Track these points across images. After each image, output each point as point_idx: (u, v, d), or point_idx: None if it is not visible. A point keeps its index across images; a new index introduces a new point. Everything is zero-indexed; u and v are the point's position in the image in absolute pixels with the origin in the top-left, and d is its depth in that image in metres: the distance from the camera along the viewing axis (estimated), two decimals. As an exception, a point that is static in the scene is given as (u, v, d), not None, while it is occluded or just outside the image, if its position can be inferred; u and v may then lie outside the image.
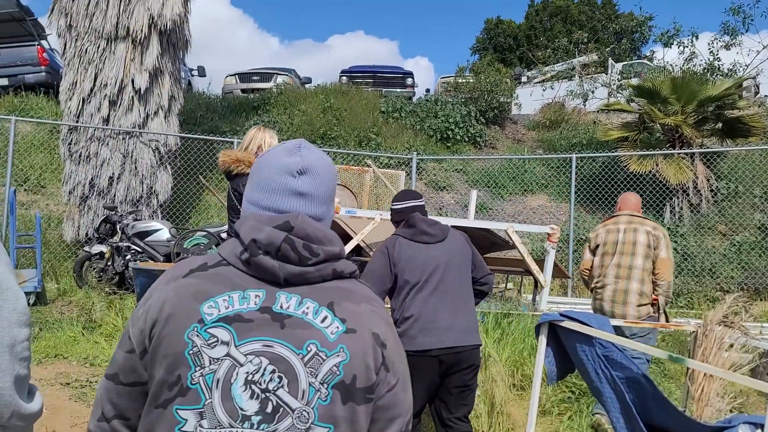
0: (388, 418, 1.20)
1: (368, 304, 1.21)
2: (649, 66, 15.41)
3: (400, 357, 1.24)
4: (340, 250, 1.22)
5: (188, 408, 1.09)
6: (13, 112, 10.17)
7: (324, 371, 1.12)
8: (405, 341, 3.10)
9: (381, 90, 15.43)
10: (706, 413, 3.31)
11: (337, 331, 1.14)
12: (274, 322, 1.12)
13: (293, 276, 1.15)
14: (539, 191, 12.11)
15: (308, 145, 1.28)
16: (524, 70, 20.48)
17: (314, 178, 1.24)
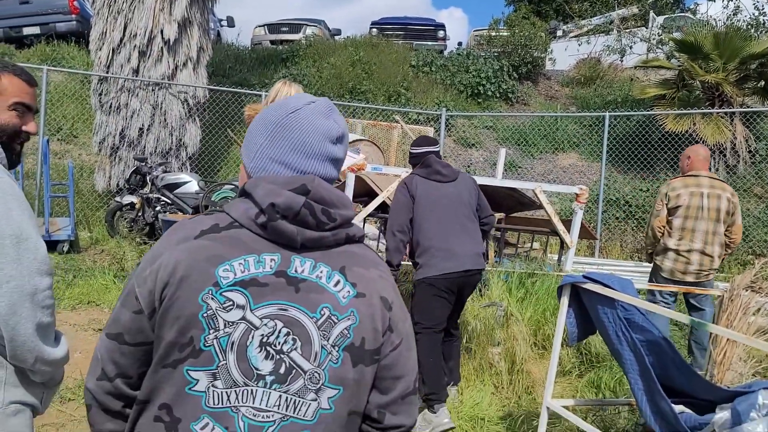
0: (393, 377, 1.23)
1: (376, 269, 1.24)
2: (691, 20, 14.80)
3: (403, 317, 1.26)
4: (352, 216, 1.23)
5: (200, 369, 1.10)
6: (45, 62, 10.26)
7: (335, 334, 1.14)
8: (427, 269, 3.82)
9: (412, 43, 15.13)
10: (727, 377, 3.28)
11: (348, 296, 1.16)
12: (289, 286, 1.14)
13: (310, 241, 1.16)
14: (570, 150, 11.89)
15: (335, 109, 1.29)
16: (560, 24, 19.82)
17: (345, 144, 1.27)
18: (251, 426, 1.10)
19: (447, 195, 3.94)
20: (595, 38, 15.57)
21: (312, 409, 1.13)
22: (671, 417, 2.58)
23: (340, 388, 1.15)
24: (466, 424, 3.84)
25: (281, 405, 1.12)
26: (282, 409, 1.12)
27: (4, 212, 1.49)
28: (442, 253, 3.81)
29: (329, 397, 1.15)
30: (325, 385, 1.14)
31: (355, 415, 1.20)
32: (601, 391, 4.27)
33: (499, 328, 4.67)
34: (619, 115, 11.09)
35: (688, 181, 4.70)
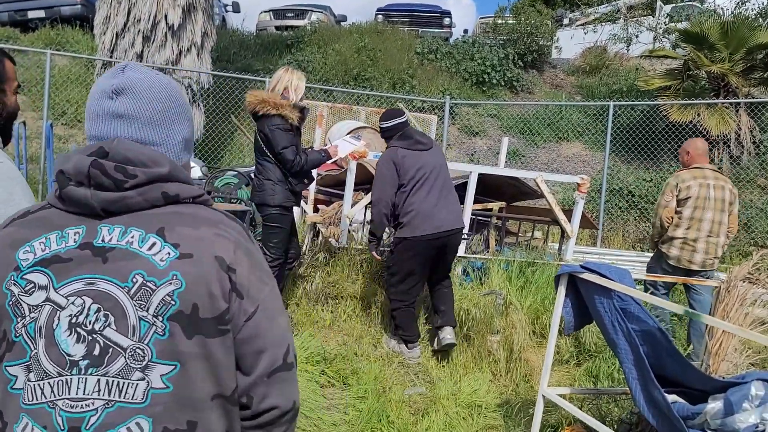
0: (254, 351, 1.11)
1: (212, 227, 1.10)
2: (699, 9, 14.68)
3: (259, 282, 1.12)
4: (170, 171, 1.10)
5: (16, 363, 1.02)
6: (49, 46, 10.27)
7: (156, 303, 1.02)
8: (409, 229, 4.17)
9: (417, 30, 15.07)
10: (722, 368, 3.31)
11: (168, 258, 1.04)
12: (95, 258, 1.03)
13: (111, 203, 1.05)
14: (574, 139, 11.86)
15: (137, 66, 1.17)
16: (566, 12, 19.69)
17: (135, 98, 1.12)
18: (70, 419, 1.00)
19: (428, 162, 4.26)
20: (602, 27, 15.47)
21: (141, 389, 1.01)
22: (664, 406, 2.61)
23: (176, 364, 1.03)
24: (464, 411, 3.88)
25: (102, 390, 1.01)
26: (104, 395, 1.00)
27: (7, 196, 1.51)
28: (423, 216, 4.15)
29: (162, 374, 1.02)
30: (153, 362, 1.02)
31: (222, 400, 1.08)
32: (599, 381, 4.30)
33: (498, 317, 4.70)
34: (624, 104, 11.05)
35: (695, 173, 4.86)
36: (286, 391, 1.14)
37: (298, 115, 4.18)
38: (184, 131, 1.21)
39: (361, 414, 3.67)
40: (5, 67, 1.74)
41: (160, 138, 1.15)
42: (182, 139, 1.20)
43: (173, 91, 1.19)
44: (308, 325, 4.66)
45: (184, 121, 1.20)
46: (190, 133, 1.23)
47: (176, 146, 1.18)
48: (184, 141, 1.21)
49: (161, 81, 1.18)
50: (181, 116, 1.20)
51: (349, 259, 5.09)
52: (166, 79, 1.20)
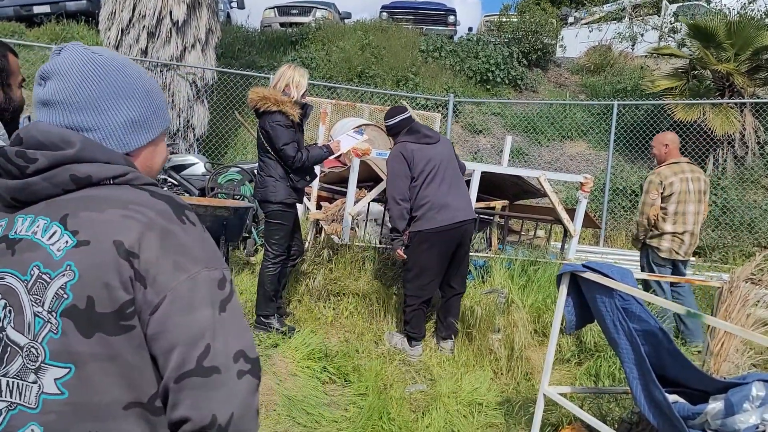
0: (164, 350, 0.95)
1: (121, 209, 0.96)
2: (705, 9, 14.62)
3: (173, 268, 0.96)
4: (78, 152, 0.99)
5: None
6: (54, 41, 10.28)
7: (50, 297, 0.93)
8: (425, 221, 4.24)
9: (422, 28, 15.06)
10: (723, 368, 3.30)
11: (64, 247, 0.94)
12: (7, 251, 0.97)
13: (17, 191, 0.98)
14: (578, 138, 11.84)
15: (75, 47, 1.05)
16: (571, 10, 19.65)
17: (60, 82, 1.02)
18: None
19: (437, 155, 4.34)
20: (607, 25, 15.44)
21: (33, 394, 0.92)
22: (665, 406, 2.61)
23: (70, 366, 0.92)
24: (465, 409, 3.89)
25: (3, 391, 0.94)
26: (6, 396, 0.94)
27: None
28: (438, 208, 4.23)
29: (56, 378, 0.92)
30: (46, 363, 0.92)
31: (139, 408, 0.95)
32: (600, 380, 4.30)
33: (500, 315, 4.71)
34: (628, 104, 11.02)
35: (674, 168, 5.07)
36: (202, 402, 0.93)
37: (300, 111, 4.18)
38: (127, 112, 1.06)
39: (362, 411, 3.68)
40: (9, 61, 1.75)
41: (90, 122, 1.03)
42: (124, 122, 1.05)
43: (111, 68, 1.05)
44: (310, 322, 4.67)
45: (127, 102, 1.06)
46: (141, 114, 1.08)
47: (117, 130, 1.05)
48: (128, 123, 1.06)
49: (96, 59, 1.04)
50: (122, 96, 1.05)
51: (352, 257, 5.10)
52: (107, 57, 1.07)
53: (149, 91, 1.10)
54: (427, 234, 4.27)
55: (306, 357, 4.11)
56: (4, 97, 1.75)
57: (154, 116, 1.11)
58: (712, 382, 2.74)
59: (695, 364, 2.89)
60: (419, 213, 4.27)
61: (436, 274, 4.40)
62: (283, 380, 3.86)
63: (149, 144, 1.11)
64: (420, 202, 4.27)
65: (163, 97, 1.16)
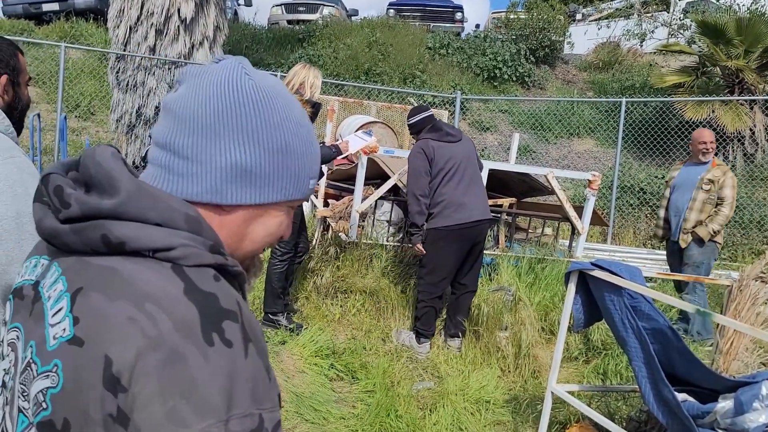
0: None
1: (133, 306, 0.67)
2: (714, 5, 14.52)
3: (162, 422, 0.63)
4: (117, 204, 0.72)
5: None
6: (63, 39, 10.33)
7: (32, 397, 0.71)
8: (441, 219, 4.30)
9: (429, 25, 15.03)
10: (733, 367, 3.29)
11: (60, 337, 0.70)
12: (30, 306, 0.78)
13: (51, 236, 0.77)
14: (586, 135, 11.79)
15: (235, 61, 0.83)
16: (579, 7, 19.55)
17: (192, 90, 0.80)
18: None
19: (458, 154, 4.39)
20: (615, 22, 15.35)
21: None
22: (674, 405, 2.60)
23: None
24: (472, 407, 3.89)
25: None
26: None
27: (23, 191, 1.53)
28: (455, 206, 4.28)
29: None
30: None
31: None
32: (608, 378, 4.29)
33: (507, 313, 4.70)
34: (637, 101, 10.97)
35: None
36: None
37: (311, 110, 4.18)
38: (239, 154, 0.78)
39: (370, 408, 3.69)
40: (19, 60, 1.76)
41: (194, 148, 0.77)
42: (232, 164, 0.78)
43: (254, 96, 0.80)
44: (318, 319, 4.68)
45: (245, 141, 0.78)
46: (259, 164, 0.80)
47: (217, 170, 0.78)
48: (235, 167, 0.78)
49: (241, 79, 0.80)
50: (245, 133, 0.78)
51: (359, 254, 5.10)
52: (259, 82, 0.82)
53: (289, 142, 0.82)
54: (442, 231, 4.31)
55: (314, 354, 4.13)
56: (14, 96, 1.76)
57: (280, 175, 0.82)
58: (721, 380, 2.73)
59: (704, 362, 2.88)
60: (436, 210, 4.33)
61: (450, 272, 4.43)
62: (290, 377, 3.87)
63: (254, 207, 0.82)
64: (437, 199, 4.32)
65: (309, 162, 0.87)
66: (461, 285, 4.56)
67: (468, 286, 4.56)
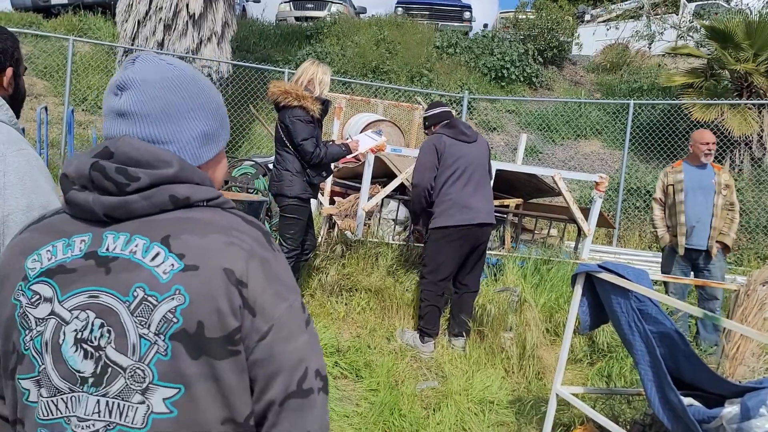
0: (267, 376, 0.99)
1: (223, 234, 0.98)
2: (724, 8, 14.46)
3: (275, 298, 0.99)
4: (178, 172, 0.99)
5: (27, 377, 0.97)
6: (71, 32, 10.35)
7: (157, 319, 0.93)
8: (444, 218, 4.29)
9: (437, 23, 15.01)
10: (739, 372, 3.28)
11: (171, 270, 0.94)
12: (99, 268, 0.95)
13: (113, 209, 0.96)
14: (593, 137, 11.76)
15: (149, 57, 1.05)
16: (588, 8, 19.50)
17: (139, 93, 1.01)
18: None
19: (469, 154, 4.36)
20: (624, 24, 15.30)
21: (141, 413, 0.93)
22: (680, 409, 2.59)
23: (180, 387, 0.93)
24: (476, 407, 3.88)
25: (102, 411, 0.94)
26: (104, 416, 0.94)
27: (33, 184, 1.53)
28: (459, 207, 4.26)
29: (166, 398, 0.93)
30: (154, 384, 0.93)
31: (234, 425, 0.98)
32: (612, 381, 4.28)
33: (512, 314, 4.69)
34: (645, 103, 10.93)
35: None
36: (299, 421, 1.01)
37: (320, 107, 4.18)
38: (201, 125, 1.06)
39: (374, 407, 3.69)
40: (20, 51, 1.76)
41: (167, 135, 1.02)
42: (198, 135, 1.05)
43: (186, 80, 1.05)
44: (322, 317, 4.68)
45: (200, 114, 1.06)
46: (211, 127, 1.08)
47: (190, 143, 1.04)
48: (201, 136, 1.06)
49: (172, 71, 1.04)
50: (197, 109, 1.05)
51: (365, 252, 5.10)
52: (181, 69, 1.06)
53: (219, 103, 1.12)
54: (444, 231, 4.30)
55: (318, 351, 4.12)
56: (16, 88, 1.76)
57: (221, 128, 1.12)
58: (727, 385, 2.71)
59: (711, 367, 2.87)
60: (439, 209, 4.32)
61: (450, 271, 4.42)
62: (295, 374, 3.86)
63: (215, 157, 1.11)
64: (442, 198, 4.32)
65: (225, 109, 1.16)
66: (463, 285, 4.56)
67: (470, 286, 4.57)
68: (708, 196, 5.01)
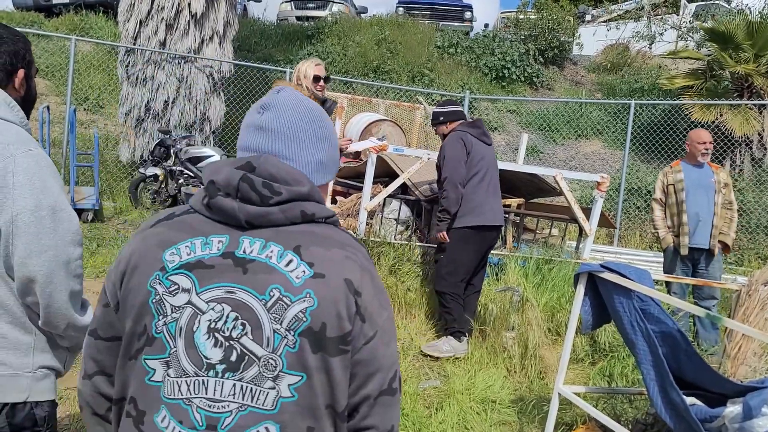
0: (367, 374, 1.14)
1: (342, 249, 1.14)
2: (725, 8, 14.47)
3: (379, 308, 1.15)
4: (309, 191, 1.15)
5: (155, 357, 1.09)
6: (73, 31, 10.36)
7: (289, 317, 1.07)
8: (470, 218, 4.35)
9: (438, 23, 15.02)
10: (740, 372, 3.30)
11: (303, 276, 1.08)
12: (236, 268, 1.09)
13: (255, 217, 1.11)
14: (594, 137, 11.78)
15: (291, 90, 1.25)
16: (589, 8, 19.51)
17: (278, 114, 1.20)
18: (208, 417, 1.06)
19: (488, 156, 4.45)
20: (625, 24, 15.31)
21: (271, 397, 1.07)
22: (682, 408, 2.61)
23: (302, 375, 1.08)
24: (478, 406, 3.90)
25: (236, 394, 1.07)
26: (238, 398, 1.07)
27: (41, 184, 1.54)
28: (483, 207, 4.33)
29: (290, 384, 1.08)
30: (284, 372, 1.07)
31: (332, 411, 1.12)
32: (613, 380, 4.30)
33: (514, 313, 4.71)
34: (646, 103, 10.94)
35: None
36: (387, 415, 1.17)
37: None
38: (319, 154, 1.23)
39: (376, 405, 3.69)
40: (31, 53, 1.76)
41: (291, 153, 1.19)
42: (315, 161, 1.23)
43: (316, 115, 1.24)
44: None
45: (320, 146, 1.23)
46: (328, 159, 1.25)
47: (307, 165, 1.21)
48: (318, 163, 1.23)
49: (307, 104, 1.24)
50: (318, 140, 1.23)
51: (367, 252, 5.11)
52: (314, 106, 1.26)
53: (336, 144, 1.29)
54: (469, 231, 4.36)
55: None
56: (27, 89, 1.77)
57: (333, 165, 1.29)
58: (729, 385, 2.73)
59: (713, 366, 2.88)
60: (466, 209, 4.35)
61: (468, 272, 4.45)
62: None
63: (322, 186, 1.27)
64: (468, 197, 4.35)
65: (338, 154, 1.33)
66: (470, 285, 4.57)
67: (476, 286, 4.60)
68: (709, 194, 5.03)
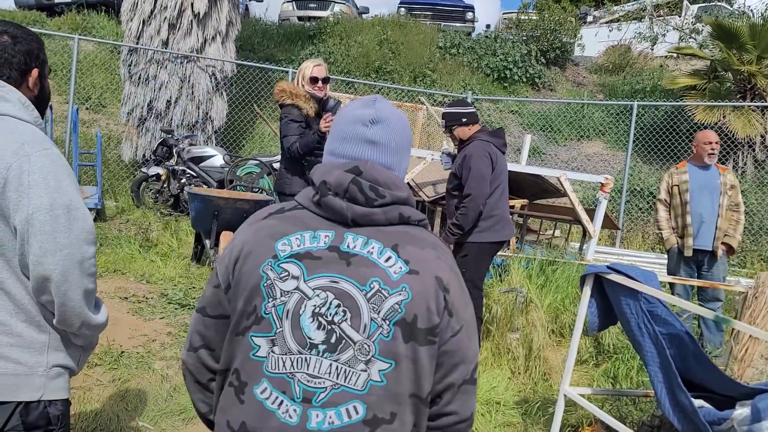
0: (452, 364, 1.26)
1: (433, 250, 1.27)
2: (727, 10, 14.46)
3: (464, 304, 1.28)
4: (408, 196, 1.29)
5: (261, 335, 1.22)
6: (76, 31, 10.35)
7: (386, 308, 1.19)
8: (492, 233, 4.14)
9: (440, 24, 15.01)
10: (747, 374, 3.28)
11: (400, 271, 1.21)
12: (341, 260, 1.21)
13: (360, 216, 1.23)
14: (596, 138, 11.76)
15: (383, 100, 1.36)
16: (591, 9, 19.50)
17: (386, 129, 1.32)
18: (305, 391, 1.18)
19: (504, 166, 4.30)
20: (627, 25, 15.31)
21: (362, 379, 1.18)
22: (690, 410, 2.59)
23: (392, 362, 1.18)
24: (482, 408, 3.88)
25: (332, 373, 1.18)
26: (333, 377, 1.18)
27: (56, 183, 1.53)
28: (504, 222, 4.20)
29: (380, 369, 1.19)
30: (375, 357, 1.18)
31: (416, 399, 1.22)
32: (618, 382, 4.28)
33: (518, 314, 4.69)
34: (648, 104, 10.92)
35: None
36: (468, 402, 1.29)
37: (315, 106, 4.15)
38: (407, 159, 1.39)
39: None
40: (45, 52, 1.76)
41: (395, 163, 1.33)
42: (405, 167, 1.39)
43: (407, 124, 1.38)
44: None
45: (408, 152, 1.39)
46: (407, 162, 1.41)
47: (402, 172, 1.37)
48: (405, 168, 1.39)
49: (402, 116, 1.37)
50: (409, 147, 1.38)
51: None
52: (402, 113, 1.38)
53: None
54: (489, 246, 4.19)
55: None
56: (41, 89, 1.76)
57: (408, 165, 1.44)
58: (738, 387, 2.71)
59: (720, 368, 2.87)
60: (488, 224, 4.12)
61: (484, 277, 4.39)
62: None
63: None
64: (490, 212, 4.12)
65: None
66: None
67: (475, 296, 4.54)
68: (714, 196, 4.99)
